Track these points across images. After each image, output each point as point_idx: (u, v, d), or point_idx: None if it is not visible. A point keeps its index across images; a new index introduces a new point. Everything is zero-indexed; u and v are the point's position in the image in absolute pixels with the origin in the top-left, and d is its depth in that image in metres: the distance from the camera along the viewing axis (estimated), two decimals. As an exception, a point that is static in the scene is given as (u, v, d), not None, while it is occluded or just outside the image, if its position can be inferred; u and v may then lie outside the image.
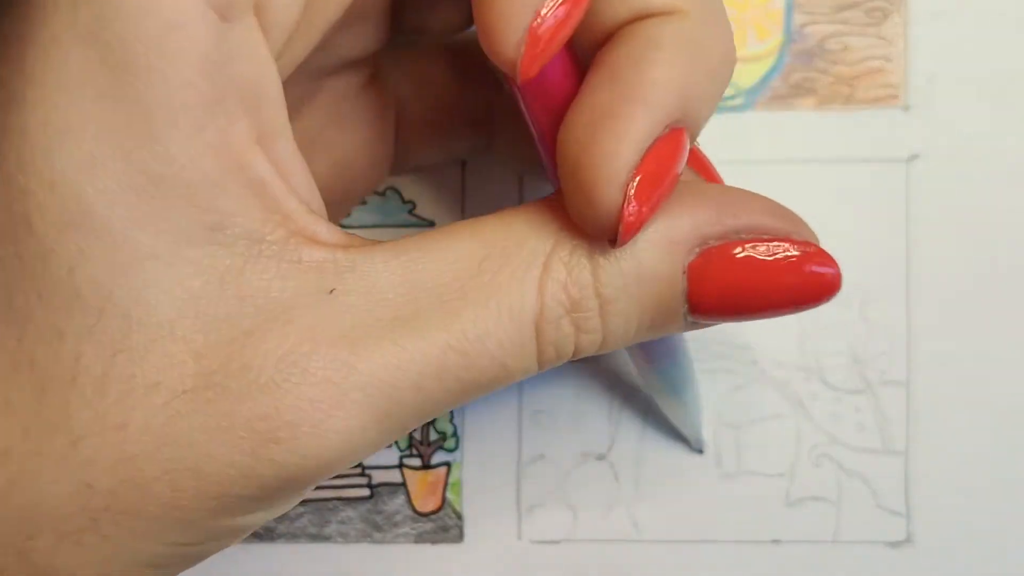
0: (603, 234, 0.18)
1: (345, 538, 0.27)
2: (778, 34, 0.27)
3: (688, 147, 0.19)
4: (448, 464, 0.27)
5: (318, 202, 0.19)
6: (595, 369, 0.27)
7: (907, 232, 0.27)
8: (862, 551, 0.27)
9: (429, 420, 0.19)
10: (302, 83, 0.21)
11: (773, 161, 0.27)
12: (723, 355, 0.27)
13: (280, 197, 0.18)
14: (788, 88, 0.27)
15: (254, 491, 0.17)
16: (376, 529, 0.27)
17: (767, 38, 0.27)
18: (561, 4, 0.17)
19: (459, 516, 0.27)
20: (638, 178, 0.18)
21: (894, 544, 0.27)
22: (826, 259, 0.20)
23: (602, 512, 0.27)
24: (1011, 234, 0.26)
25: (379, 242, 0.19)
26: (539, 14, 0.17)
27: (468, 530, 0.27)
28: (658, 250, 0.19)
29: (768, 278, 0.19)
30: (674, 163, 0.18)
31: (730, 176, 0.27)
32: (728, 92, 0.27)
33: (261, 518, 0.19)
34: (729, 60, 0.20)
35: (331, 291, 0.18)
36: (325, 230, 0.18)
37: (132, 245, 0.17)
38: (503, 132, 0.25)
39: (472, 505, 0.27)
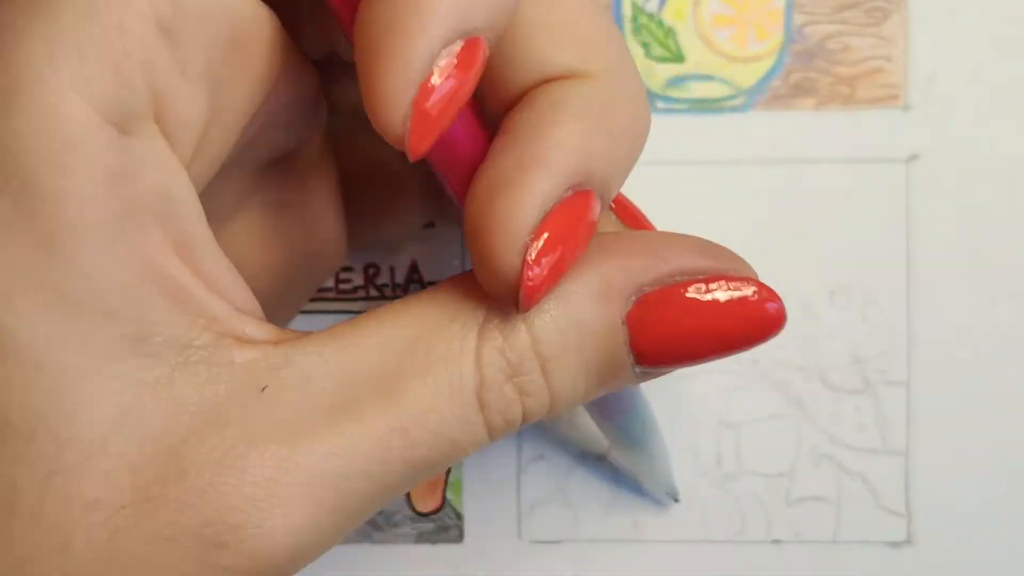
0: (508, 300, 0.18)
1: (344, 538, 0.27)
2: (778, 34, 0.27)
3: (596, 209, 0.18)
4: (448, 464, 0.27)
5: (247, 299, 0.19)
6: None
7: (907, 232, 0.27)
8: (862, 551, 0.27)
9: (388, 503, 0.19)
10: (239, 179, 0.21)
11: (773, 161, 0.27)
12: (723, 355, 0.27)
13: (204, 301, 0.17)
14: (788, 88, 0.27)
15: None
16: (376, 529, 0.27)
17: (767, 38, 0.27)
18: (448, 77, 0.16)
19: (459, 516, 0.27)
20: (539, 242, 0.17)
21: (894, 544, 0.27)
22: (767, 293, 0.19)
23: (602, 512, 0.27)
24: (1011, 234, 0.26)
25: (309, 333, 0.18)
26: (425, 88, 0.16)
27: (468, 530, 0.27)
28: (592, 303, 0.18)
29: (708, 319, 0.19)
30: (578, 225, 0.18)
31: (730, 176, 0.27)
32: (728, 92, 0.27)
33: None
34: (640, 120, 0.19)
35: (263, 388, 0.17)
36: (255, 328, 0.18)
37: (57, 367, 0.16)
38: (448, 209, 0.25)
39: (472, 505, 0.27)
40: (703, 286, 0.19)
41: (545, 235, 0.17)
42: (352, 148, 0.24)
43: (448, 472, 0.27)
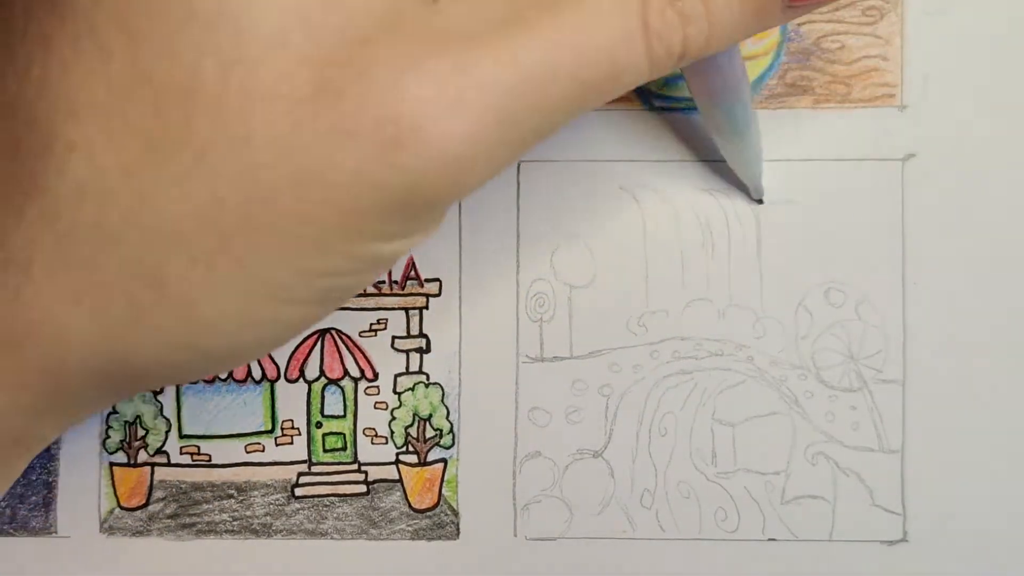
0: None
1: (341, 534, 0.27)
2: (774, 33, 0.27)
3: None
4: (444, 461, 0.27)
5: None
6: (594, 367, 0.27)
7: (903, 231, 0.27)
8: (858, 550, 0.27)
9: (546, 135, 0.19)
10: None
11: (769, 160, 0.27)
12: (719, 353, 0.27)
13: None
14: (784, 87, 0.27)
15: (384, 202, 0.17)
16: (372, 525, 0.27)
17: (763, 37, 0.27)
18: None
19: (455, 513, 0.27)
20: None
21: (890, 543, 0.27)
22: None
23: (598, 509, 0.27)
24: (1007, 233, 0.27)
25: None
26: None
27: (464, 527, 0.27)
28: None
29: None
30: None
31: (727, 175, 0.27)
32: (725, 91, 0.27)
33: (397, 248, 0.18)
34: None
35: (436, 0, 0.18)
36: None
37: None
38: None
39: (468, 502, 0.27)
40: None
41: None
42: None
43: (444, 469, 0.27)
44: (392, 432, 0.27)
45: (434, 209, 0.19)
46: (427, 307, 0.27)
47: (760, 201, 0.27)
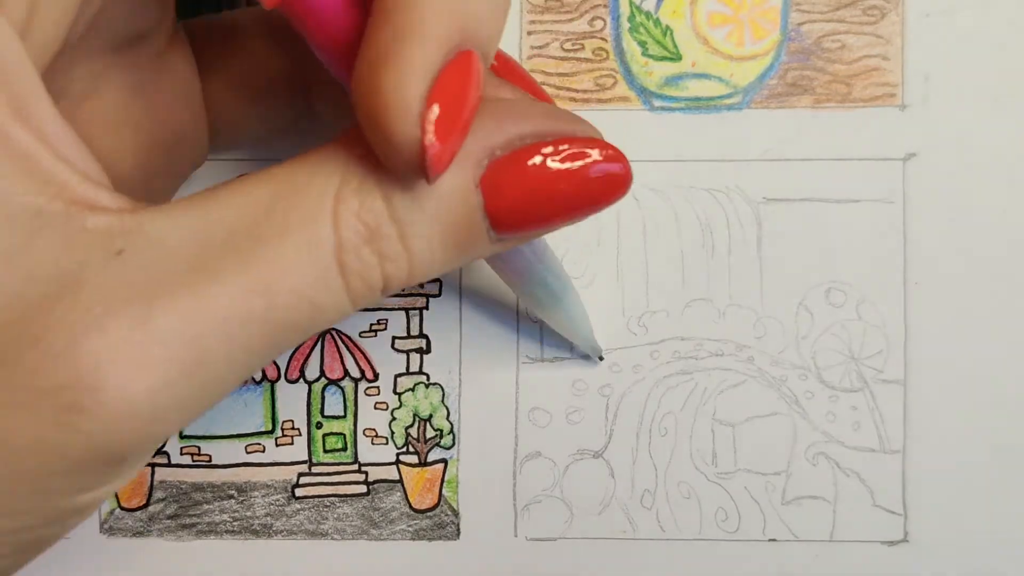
0: (413, 170, 0.18)
1: (342, 535, 0.27)
2: (775, 32, 0.27)
3: (481, 68, 0.18)
4: (445, 461, 0.27)
5: (98, 173, 0.19)
6: (594, 367, 0.27)
7: (904, 231, 0.27)
8: (859, 550, 0.27)
9: (248, 375, 0.19)
10: (90, 60, 0.21)
11: (769, 160, 0.27)
12: (719, 353, 0.27)
13: (51, 167, 0.17)
14: (785, 87, 0.27)
15: (69, 465, 0.17)
16: (373, 526, 0.27)
17: (764, 36, 0.27)
18: None
19: (455, 513, 0.27)
20: (436, 109, 0.17)
21: (891, 543, 0.27)
22: (613, 153, 0.20)
23: (598, 510, 0.27)
24: (1007, 233, 0.26)
25: (170, 203, 0.18)
26: None
27: (464, 527, 0.27)
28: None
29: (556, 180, 0.19)
30: (468, 86, 0.18)
31: (727, 174, 0.27)
32: (725, 90, 0.27)
33: (95, 496, 0.18)
34: None
35: (119, 252, 0.17)
36: (108, 197, 0.18)
37: None
38: (323, 96, 0.25)
39: (468, 502, 0.27)
40: (550, 147, 0.19)
41: (440, 101, 0.17)
42: (214, 34, 0.24)
43: (445, 469, 0.27)
44: (392, 432, 0.27)
45: (126, 463, 0.18)
46: (427, 307, 0.27)
47: (601, 359, 0.27)
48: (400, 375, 0.27)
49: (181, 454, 0.27)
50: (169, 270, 0.17)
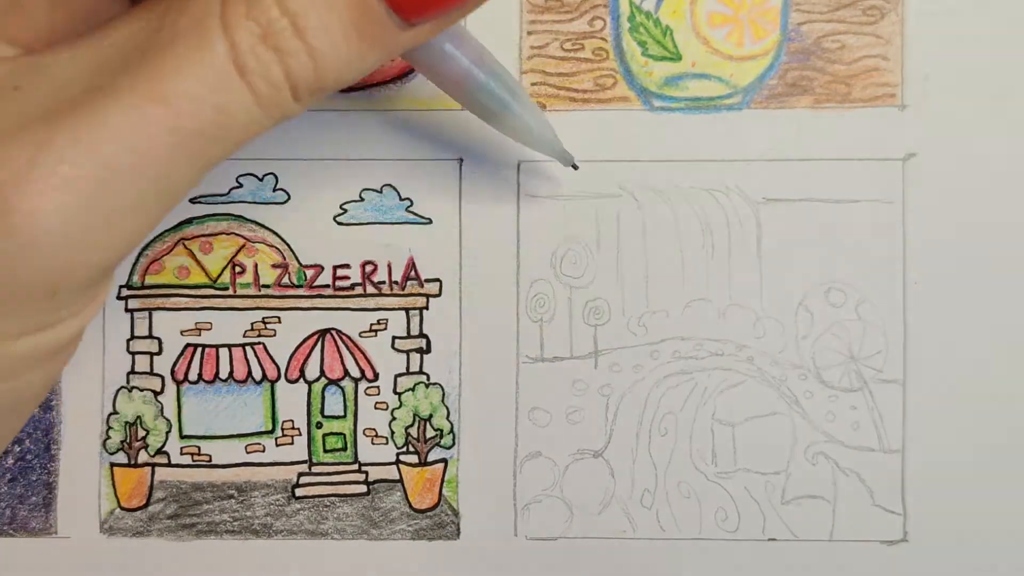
0: None
1: (342, 534, 0.27)
2: (775, 32, 0.27)
3: None
4: (445, 461, 0.27)
5: None
6: (592, 365, 0.27)
7: (903, 230, 0.27)
8: (858, 549, 0.27)
9: (171, 195, 0.18)
10: None
11: (769, 160, 0.27)
12: (719, 353, 0.27)
13: None
14: (785, 87, 0.27)
15: None
16: (373, 526, 0.27)
17: (764, 37, 0.27)
18: None
19: (455, 513, 0.27)
20: None
21: (890, 543, 0.27)
22: None
23: (598, 509, 0.27)
24: (1007, 232, 0.27)
25: (67, 40, 0.18)
26: None
27: (464, 527, 0.27)
28: None
29: None
30: None
31: (727, 174, 0.27)
32: (725, 90, 0.27)
33: (34, 345, 0.18)
34: None
35: (16, 88, 0.18)
36: (5, 48, 0.18)
37: None
38: None
39: (468, 502, 0.27)
40: None
41: None
42: None
43: (445, 469, 0.27)
44: (392, 432, 0.27)
45: (57, 294, 0.18)
46: (427, 307, 0.27)
47: (575, 167, 0.26)
48: (400, 375, 0.27)
49: (181, 454, 0.27)
50: (67, 97, 0.17)
